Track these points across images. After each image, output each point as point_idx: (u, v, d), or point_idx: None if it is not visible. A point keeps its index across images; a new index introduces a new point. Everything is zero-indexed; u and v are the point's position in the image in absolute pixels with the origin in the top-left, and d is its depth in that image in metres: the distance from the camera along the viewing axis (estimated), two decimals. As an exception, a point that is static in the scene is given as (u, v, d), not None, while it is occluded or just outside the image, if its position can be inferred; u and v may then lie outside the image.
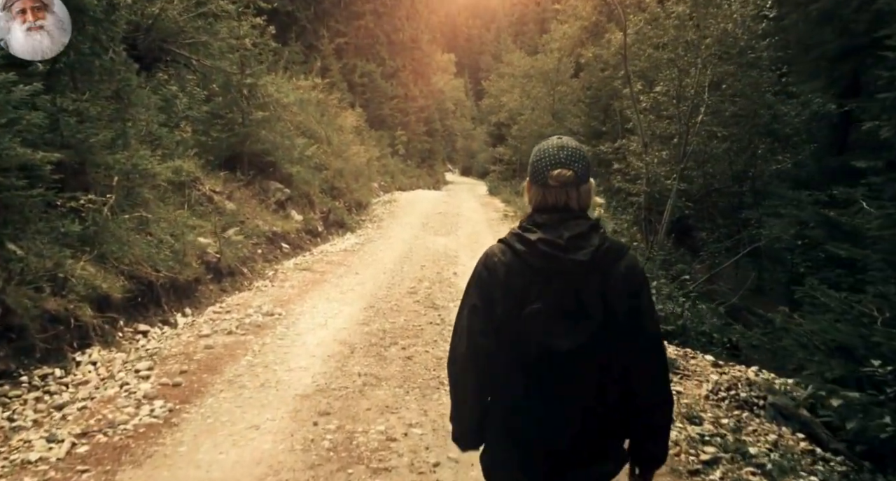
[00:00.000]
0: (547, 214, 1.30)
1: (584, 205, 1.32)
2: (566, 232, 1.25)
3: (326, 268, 7.49)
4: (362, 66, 26.18)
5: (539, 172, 1.32)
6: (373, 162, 19.31)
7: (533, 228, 1.29)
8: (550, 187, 1.30)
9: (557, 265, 1.24)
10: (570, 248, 1.23)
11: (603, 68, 13.85)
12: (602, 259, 1.24)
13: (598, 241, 1.25)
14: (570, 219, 1.28)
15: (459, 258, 8.67)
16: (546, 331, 1.24)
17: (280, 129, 10.71)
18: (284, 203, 10.01)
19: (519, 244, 1.29)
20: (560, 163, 1.29)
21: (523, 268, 1.27)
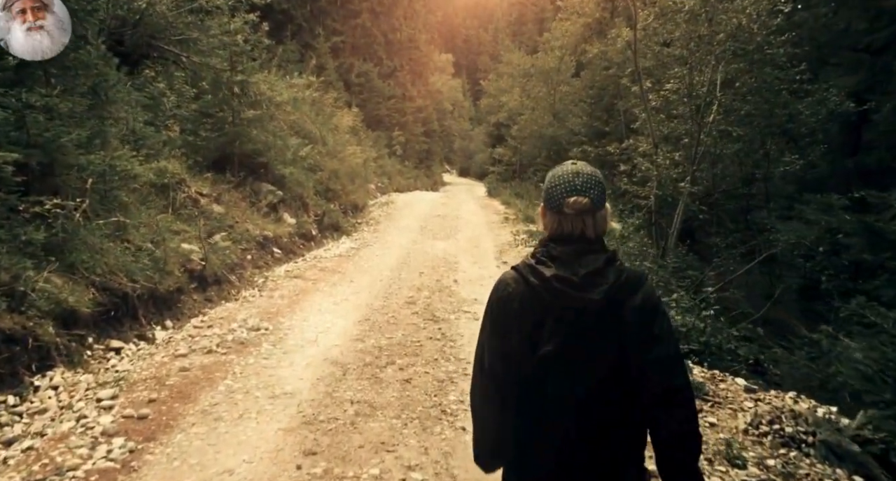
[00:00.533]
0: (562, 246, 1.28)
1: (601, 233, 1.31)
2: (581, 269, 1.23)
3: (319, 275, 7.07)
4: (359, 65, 25.78)
5: (554, 199, 1.31)
6: (369, 163, 18.90)
7: (548, 262, 1.28)
8: (566, 215, 1.28)
9: (571, 303, 1.22)
10: (585, 286, 1.21)
11: (607, 66, 13.46)
12: (616, 295, 1.22)
13: (613, 277, 1.23)
14: (587, 253, 1.26)
15: (460, 264, 8.27)
16: (560, 374, 1.23)
17: (273, 129, 10.29)
18: (276, 206, 9.59)
19: (533, 277, 1.27)
20: (576, 190, 1.27)
21: (536, 300, 1.25)
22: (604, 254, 1.27)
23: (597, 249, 1.28)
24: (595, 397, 1.24)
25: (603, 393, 1.24)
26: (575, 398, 1.23)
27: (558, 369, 1.23)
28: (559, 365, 1.23)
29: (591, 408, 1.24)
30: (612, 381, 1.23)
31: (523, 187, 17.81)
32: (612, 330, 1.23)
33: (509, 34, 57.10)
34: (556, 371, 1.24)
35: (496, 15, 72.26)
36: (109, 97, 6.04)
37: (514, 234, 11.27)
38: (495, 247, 9.89)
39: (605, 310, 1.22)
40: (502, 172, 22.09)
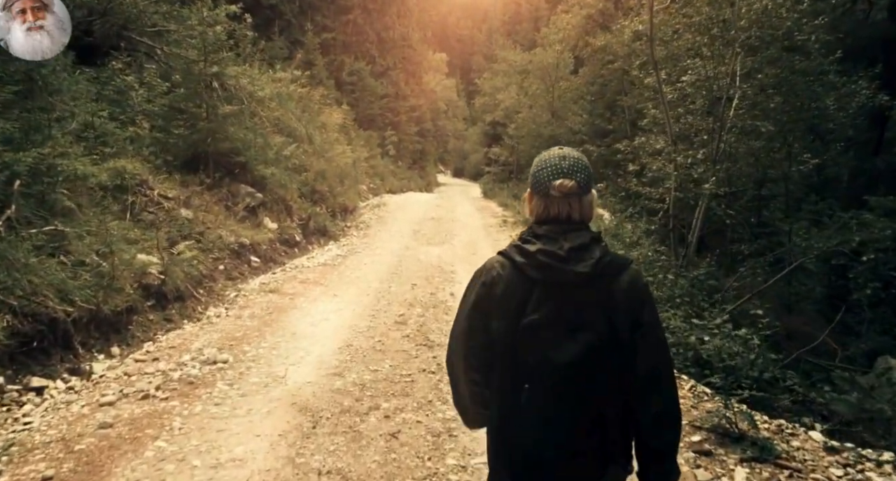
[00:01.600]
0: (548, 226, 1.28)
1: (587, 217, 1.29)
2: (567, 243, 1.22)
3: (299, 288, 6.27)
4: (350, 63, 25.00)
5: (541, 182, 1.30)
6: (360, 163, 18.11)
7: (533, 240, 1.27)
8: (552, 198, 1.27)
9: (557, 276, 1.21)
10: (570, 259, 1.20)
11: (611, 60, 12.72)
12: (603, 271, 1.21)
13: (599, 253, 1.22)
14: (572, 231, 1.25)
15: (456, 274, 7.49)
16: (544, 341, 1.20)
17: (253, 126, 9.49)
18: (256, 209, 8.79)
19: (518, 256, 1.27)
20: (562, 173, 1.27)
21: (522, 280, 1.25)
22: (589, 233, 1.26)
23: (582, 228, 1.26)
24: (578, 368, 1.19)
25: (586, 366, 1.19)
26: (557, 366, 1.20)
27: (542, 336, 1.21)
28: (543, 333, 1.21)
29: (573, 380, 1.20)
30: (597, 356, 1.19)
31: (521, 188, 17.04)
32: (598, 304, 1.20)
33: (503, 34, 56.53)
34: (540, 338, 1.21)
35: (490, 14, 71.86)
36: (49, 85, 5.22)
37: (514, 238, 10.49)
38: (494, 253, 9.11)
39: (592, 284, 1.20)
40: (498, 173, 21.31)
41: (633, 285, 1.23)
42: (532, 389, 1.22)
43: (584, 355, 1.18)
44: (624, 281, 1.22)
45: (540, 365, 1.21)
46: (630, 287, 1.22)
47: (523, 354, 1.22)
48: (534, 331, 1.21)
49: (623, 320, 1.20)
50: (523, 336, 1.22)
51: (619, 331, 1.20)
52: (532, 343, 1.21)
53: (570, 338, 1.19)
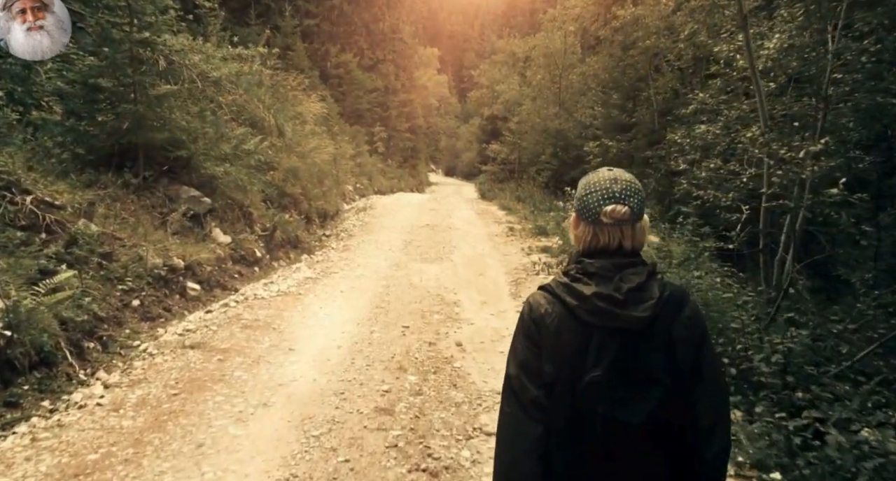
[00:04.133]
0: (599, 261, 1.14)
1: (639, 245, 1.17)
2: (624, 284, 1.09)
3: (237, 339, 4.33)
4: (335, 52, 23.00)
5: (589, 208, 1.17)
6: (344, 160, 16.15)
7: (584, 279, 1.13)
8: (603, 225, 1.15)
9: (616, 323, 1.08)
10: (629, 303, 1.08)
11: (633, 41, 10.79)
12: (663, 311, 1.09)
13: (658, 292, 1.09)
14: (627, 267, 1.13)
15: (461, 307, 5.59)
16: (611, 401, 1.07)
17: (201, 111, 7.53)
18: (202, 217, 6.83)
19: (570, 297, 1.12)
20: (614, 198, 1.14)
21: (576, 324, 1.11)
22: (644, 267, 1.13)
23: (637, 262, 1.14)
24: (652, 427, 1.08)
25: (659, 424, 1.08)
26: (630, 428, 1.07)
27: (610, 395, 1.07)
28: (610, 391, 1.07)
29: (648, 441, 1.09)
30: (668, 410, 1.08)
31: (525, 189, 15.17)
32: (661, 349, 1.09)
33: (496, 29, 54.92)
34: (608, 398, 1.07)
35: (482, 10, 70.50)
36: None
37: (527, 253, 8.62)
38: (507, 273, 7.23)
39: (653, 328, 1.09)
40: (497, 172, 19.41)
41: (694, 321, 1.12)
42: (602, 453, 1.09)
43: (656, 411, 1.06)
44: (685, 317, 1.11)
45: (609, 428, 1.07)
46: (691, 323, 1.12)
47: (588, 414, 1.07)
48: (599, 390, 1.06)
49: (684, 362, 1.09)
50: (588, 394, 1.07)
51: (682, 376, 1.09)
52: (598, 403, 1.06)
53: (638, 394, 1.07)
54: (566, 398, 1.10)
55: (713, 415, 1.12)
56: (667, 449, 1.12)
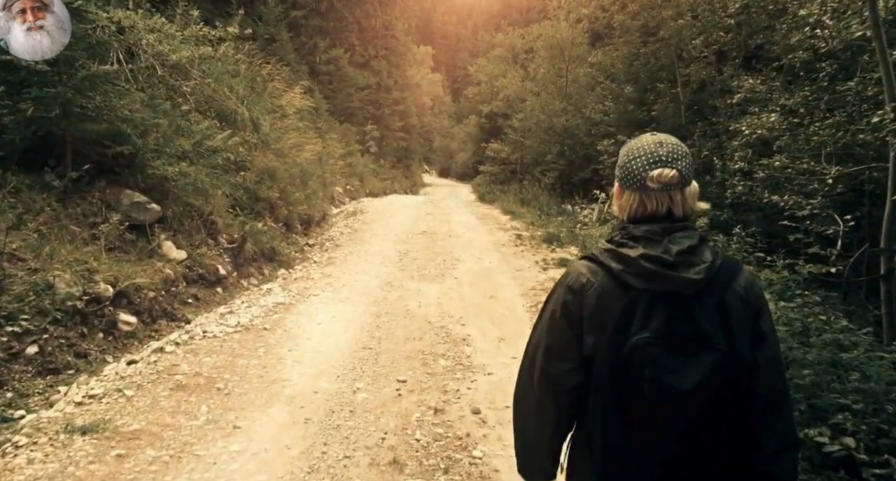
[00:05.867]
0: (646, 225, 1.06)
1: (689, 212, 1.08)
2: (674, 246, 1.01)
3: (159, 412, 3.03)
4: (324, 46, 21.70)
5: (634, 174, 1.08)
6: (333, 160, 14.87)
7: (630, 243, 1.05)
8: (650, 190, 1.06)
9: (666, 285, 0.99)
10: (680, 265, 0.99)
11: (655, 26, 9.56)
12: (717, 277, 1.02)
13: (710, 257, 1.02)
14: (676, 230, 1.04)
15: (474, 346, 4.32)
16: (660, 365, 0.97)
17: (151, 99, 6.25)
18: (149, 228, 5.54)
19: (615, 262, 1.05)
20: (660, 161, 1.05)
21: (621, 290, 1.03)
22: (695, 232, 1.05)
23: (687, 226, 1.06)
24: (703, 396, 0.97)
25: (712, 392, 0.98)
26: (678, 394, 0.96)
27: (658, 361, 0.97)
28: (658, 356, 0.97)
29: (698, 411, 0.98)
30: (722, 379, 0.98)
31: (530, 191, 13.91)
32: (715, 316, 0.99)
33: (490, 29, 53.92)
34: (655, 361, 0.97)
35: (476, 10, 69.78)
36: None
37: (542, 267, 7.36)
38: (523, 295, 5.97)
39: (706, 293, 1.00)
40: (497, 172, 18.13)
41: (750, 290, 1.05)
42: (650, 425, 1.01)
43: (708, 379, 0.96)
44: (740, 286, 1.03)
45: (657, 394, 0.97)
46: (747, 292, 1.04)
47: (633, 381, 0.98)
48: (646, 353, 0.97)
49: (741, 333, 1.01)
50: (632, 358, 0.98)
51: (739, 346, 1.00)
52: (644, 367, 0.97)
53: (690, 359, 0.97)
54: (608, 370, 1.01)
55: (772, 395, 1.02)
56: (720, 426, 1.00)
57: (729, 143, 6.97)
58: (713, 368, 0.96)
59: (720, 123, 7.81)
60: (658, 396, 0.97)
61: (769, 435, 1.02)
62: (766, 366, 1.02)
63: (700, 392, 0.96)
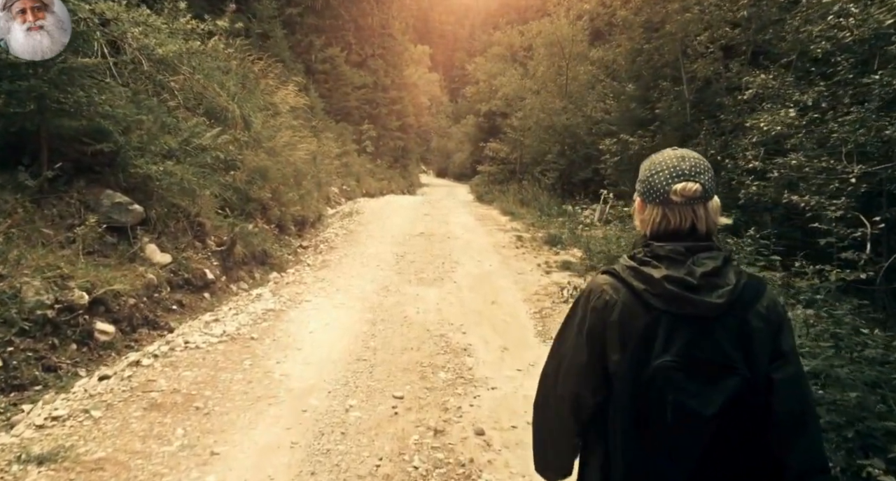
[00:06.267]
0: (670, 244, 1.04)
1: (712, 227, 1.07)
2: (697, 268, 0.99)
3: (128, 436, 2.72)
4: (320, 44, 21.39)
5: (657, 188, 1.07)
6: (328, 160, 14.58)
7: (653, 262, 1.04)
8: (673, 205, 1.05)
9: (688, 309, 0.98)
10: (703, 288, 0.98)
11: (660, 21, 9.28)
12: (741, 298, 0.99)
13: (734, 278, 1.00)
14: (700, 250, 1.03)
15: (476, 359, 4.04)
16: (682, 390, 0.95)
17: (135, 95, 5.95)
18: (130, 230, 5.23)
19: (637, 281, 1.03)
20: (684, 175, 1.04)
21: (643, 309, 1.01)
22: (720, 252, 1.03)
23: (712, 246, 1.04)
24: (726, 421, 0.95)
25: (734, 417, 0.95)
26: (701, 420, 0.94)
27: (681, 386, 0.95)
28: (681, 381, 0.95)
29: (721, 435, 0.96)
30: (744, 403, 0.96)
31: (529, 191, 13.64)
32: (737, 339, 0.98)
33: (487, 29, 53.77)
34: (678, 388, 0.95)
35: (473, 9, 69.65)
36: None
37: (545, 270, 7.08)
38: (526, 300, 5.68)
39: (728, 316, 0.98)
40: (496, 172, 17.84)
41: (773, 309, 1.02)
42: (671, 445, 0.97)
43: (731, 404, 0.94)
44: (763, 306, 1.01)
45: (680, 418, 0.95)
46: (769, 312, 1.01)
47: (654, 404, 0.97)
48: (668, 377, 0.95)
49: (761, 353, 0.99)
50: (654, 382, 0.96)
51: (759, 366, 0.98)
52: (667, 391, 0.96)
53: (712, 384, 0.95)
54: (629, 389, 0.99)
55: (794, 414, 0.99)
56: (741, 446, 0.97)
57: (736, 142, 6.70)
58: (735, 392, 0.95)
59: (729, 121, 7.54)
60: (681, 420, 0.96)
61: (794, 456, 0.99)
62: (786, 385, 1.00)
63: (723, 417, 0.95)
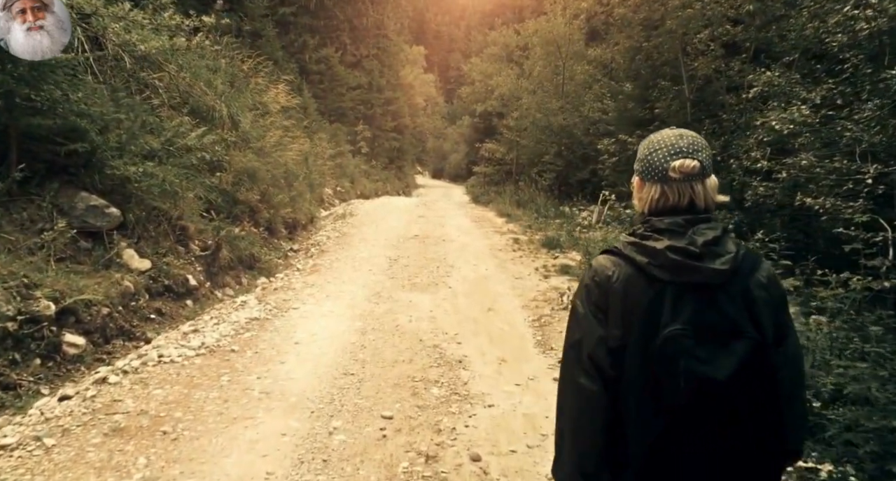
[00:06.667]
0: (669, 217, 1.05)
1: (711, 204, 1.08)
2: (698, 237, 1.00)
3: (83, 467, 2.46)
4: (315, 45, 21.14)
5: (655, 166, 1.08)
6: (321, 160, 14.32)
7: (654, 235, 1.03)
8: (672, 181, 1.06)
9: (692, 277, 0.98)
10: (706, 256, 0.98)
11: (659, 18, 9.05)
12: (741, 267, 1.01)
13: (734, 247, 1.01)
14: (699, 222, 1.03)
15: (471, 371, 3.78)
16: (694, 356, 0.93)
17: (114, 93, 5.67)
18: (106, 235, 4.95)
19: (639, 255, 1.03)
20: (682, 152, 1.06)
21: (647, 282, 1.00)
22: (718, 223, 1.05)
23: (710, 218, 1.05)
24: (738, 385, 0.93)
25: (745, 381, 0.94)
26: (715, 384, 0.92)
27: (692, 352, 0.93)
28: (692, 348, 0.94)
29: (734, 400, 0.95)
30: (754, 368, 0.94)
31: (526, 192, 13.40)
32: (742, 305, 0.98)
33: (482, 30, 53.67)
34: (690, 355, 0.93)
35: (468, 9, 69.58)
36: None
37: (543, 274, 6.83)
38: (524, 307, 5.43)
39: (732, 284, 0.99)
40: (492, 173, 17.58)
41: (773, 281, 1.04)
42: (686, 416, 0.95)
43: (742, 368, 0.93)
44: (762, 276, 1.03)
45: (693, 385, 0.93)
46: (770, 283, 1.03)
47: (667, 373, 0.95)
48: (679, 344, 0.94)
49: (767, 322, 1.00)
50: (665, 350, 0.95)
51: (766, 332, 0.99)
52: (679, 358, 0.94)
53: (722, 348, 0.95)
54: (638, 362, 0.98)
55: (793, 384, 1.05)
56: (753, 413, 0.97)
57: (737, 142, 6.48)
58: (746, 356, 0.94)
59: (731, 120, 7.32)
60: (694, 387, 0.94)
61: (790, 418, 1.04)
62: (789, 357, 1.03)
63: (735, 381, 0.93)
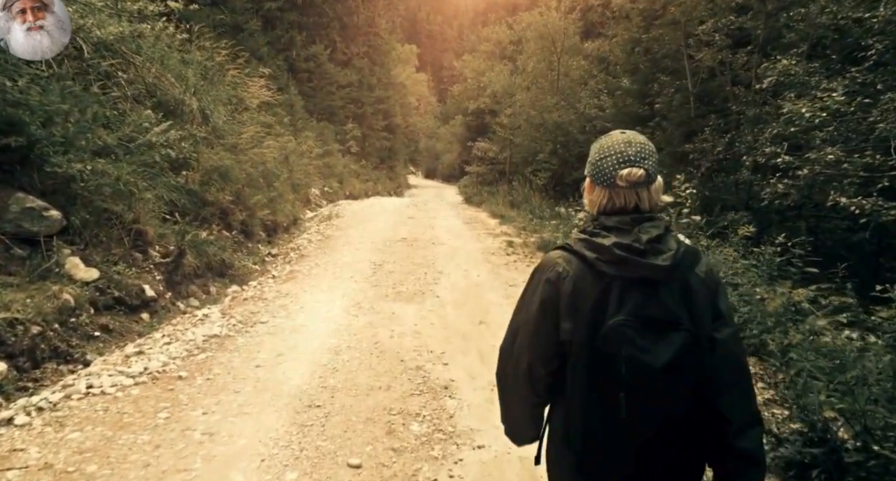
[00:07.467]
0: (617, 216, 1.14)
1: (654, 205, 1.16)
2: (643, 235, 1.08)
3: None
4: (303, 42, 20.52)
5: (604, 172, 1.14)
6: (307, 160, 13.72)
7: (603, 233, 1.12)
8: (619, 188, 1.13)
9: (636, 272, 1.06)
10: (649, 253, 1.06)
11: (661, 8, 8.57)
12: (682, 263, 1.08)
13: (675, 244, 1.09)
14: (644, 221, 1.11)
15: (459, 400, 3.23)
16: (636, 345, 1.02)
17: (60, 81, 5.07)
18: (45, 241, 4.35)
19: (589, 251, 1.11)
20: (629, 160, 1.12)
21: (595, 277, 1.09)
22: (661, 222, 1.12)
23: (654, 217, 1.13)
24: (673, 372, 1.02)
25: (680, 369, 1.02)
26: (653, 371, 1.01)
27: (634, 341, 1.02)
28: (634, 337, 1.02)
29: (668, 385, 1.03)
30: (689, 356, 1.03)
31: (520, 192, 12.88)
32: (681, 300, 1.07)
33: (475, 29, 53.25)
34: (632, 344, 1.02)
35: (461, 9, 69.23)
36: None
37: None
38: (520, 319, 4.91)
39: (672, 278, 1.07)
40: (485, 173, 17.05)
41: (710, 274, 1.13)
42: (627, 404, 1.04)
43: (678, 356, 1.02)
44: (701, 270, 1.12)
45: (634, 371, 1.02)
46: (707, 276, 1.12)
47: (610, 361, 1.04)
48: (622, 334, 1.03)
49: (703, 313, 1.08)
50: (610, 339, 1.03)
51: (702, 325, 1.07)
52: (621, 347, 1.02)
53: (661, 339, 1.03)
54: (586, 352, 1.06)
55: (734, 371, 1.09)
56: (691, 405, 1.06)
57: (748, 137, 5.97)
58: (682, 346, 1.01)
59: (741, 114, 6.82)
60: (635, 374, 1.01)
61: (735, 412, 1.07)
62: (726, 342, 1.08)
63: (671, 369, 1.00)
